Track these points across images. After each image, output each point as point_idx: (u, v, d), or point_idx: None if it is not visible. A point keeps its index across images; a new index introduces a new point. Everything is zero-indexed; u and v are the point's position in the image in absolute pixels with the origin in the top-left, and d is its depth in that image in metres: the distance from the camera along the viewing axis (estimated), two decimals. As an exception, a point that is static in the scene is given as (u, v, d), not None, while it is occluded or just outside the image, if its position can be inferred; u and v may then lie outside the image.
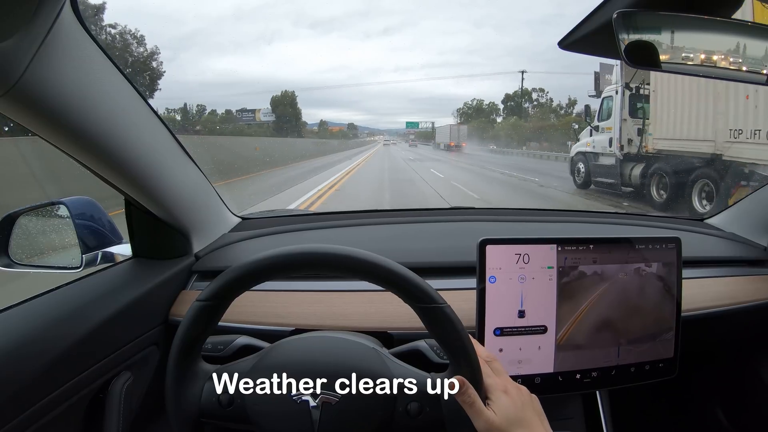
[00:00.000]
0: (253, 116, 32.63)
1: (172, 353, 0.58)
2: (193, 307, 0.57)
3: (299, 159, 17.82)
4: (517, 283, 0.75)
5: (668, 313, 0.81)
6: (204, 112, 29.86)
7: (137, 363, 0.76)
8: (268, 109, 32.51)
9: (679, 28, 0.62)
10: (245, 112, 32.83)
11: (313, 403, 0.56)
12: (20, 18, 0.43)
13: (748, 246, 1.10)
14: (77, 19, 0.53)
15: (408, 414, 0.57)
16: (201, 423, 0.58)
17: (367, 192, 9.76)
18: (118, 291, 0.75)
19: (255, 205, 6.72)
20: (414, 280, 0.56)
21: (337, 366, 0.59)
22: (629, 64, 0.63)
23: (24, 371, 0.57)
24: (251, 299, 0.78)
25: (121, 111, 0.66)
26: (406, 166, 16.83)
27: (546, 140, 25.75)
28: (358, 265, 0.56)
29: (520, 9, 68.55)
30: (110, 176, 0.69)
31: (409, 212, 1.27)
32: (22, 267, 0.79)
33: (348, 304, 0.85)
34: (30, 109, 0.52)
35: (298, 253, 0.57)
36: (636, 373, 0.80)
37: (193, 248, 0.92)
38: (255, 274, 0.57)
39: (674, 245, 0.81)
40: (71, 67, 0.54)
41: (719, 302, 0.92)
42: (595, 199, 8.38)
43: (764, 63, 0.62)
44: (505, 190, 10.30)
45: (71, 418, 0.65)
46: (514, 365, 0.76)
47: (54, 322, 0.64)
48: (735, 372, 1.11)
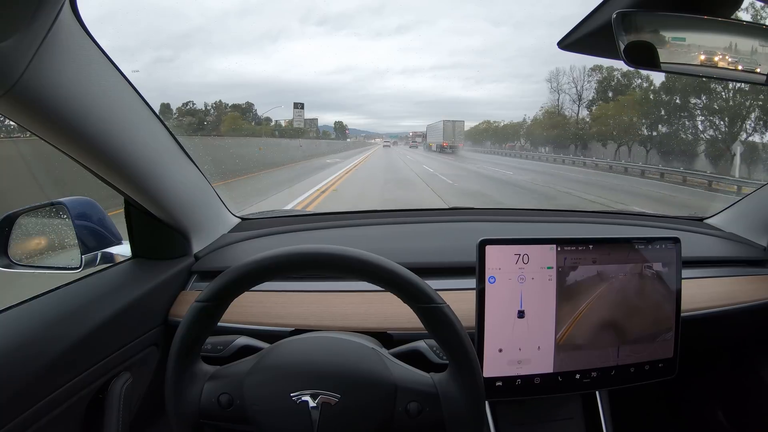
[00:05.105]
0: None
1: (171, 354, 0.58)
2: (192, 307, 0.57)
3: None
4: (516, 283, 0.75)
5: (668, 313, 0.81)
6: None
7: (137, 363, 0.76)
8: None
9: (678, 28, 0.62)
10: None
11: (312, 403, 0.56)
12: (20, 18, 0.43)
13: (748, 246, 1.10)
14: (77, 20, 0.53)
15: (407, 414, 0.57)
16: (201, 423, 0.58)
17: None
18: (118, 291, 0.75)
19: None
20: (413, 281, 0.56)
21: (337, 366, 0.59)
22: (628, 64, 0.63)
23: (24, 372, 0.57)
24: (251, 300, 0.78)
25: (121, 111, 0.66)
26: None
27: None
28: (357, 266, 0.56)
29: (544, 5, 66.85)
30: (110, 177, 0.69)
31: (408, 212, 1.27)
32: (21, 267, 0.79)
33: (347, 305, 0.84)
34: (29, 109, 0.52)
35: (298, 253, 0.57)
36: (636, 374, 0.80)
37: (192, 249, 0.92)
38: (254, 274, 0.57)
39: (674, 245, 0.81)
40: (70, 68, 0.54)
41: (719, 302, 0.92)
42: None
43: (764, 63, 0.62)
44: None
45: (71, 418, 0.65)
46: (513, 365, 0.75)
47: (54, 323, 0.64)
48: (735, 372, 1.11)
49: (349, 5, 75.13)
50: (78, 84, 0.56)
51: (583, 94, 20.45)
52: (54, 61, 0.51)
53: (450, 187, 9.72)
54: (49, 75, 0.51)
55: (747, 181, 8.67)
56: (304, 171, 11.57)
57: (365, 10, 74.26)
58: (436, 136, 25.79)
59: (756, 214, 1.12)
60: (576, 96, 20.71)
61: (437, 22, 72.15)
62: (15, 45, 0.44)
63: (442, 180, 10.77)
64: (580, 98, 20.65)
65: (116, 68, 0.63)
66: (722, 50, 0.62)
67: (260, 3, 64.34)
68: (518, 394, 0.76)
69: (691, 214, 1.32)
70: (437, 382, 0.58)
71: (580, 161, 16.51)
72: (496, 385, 0.75)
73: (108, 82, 0.62)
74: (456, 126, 24.71)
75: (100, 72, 0.60)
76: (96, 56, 0.59)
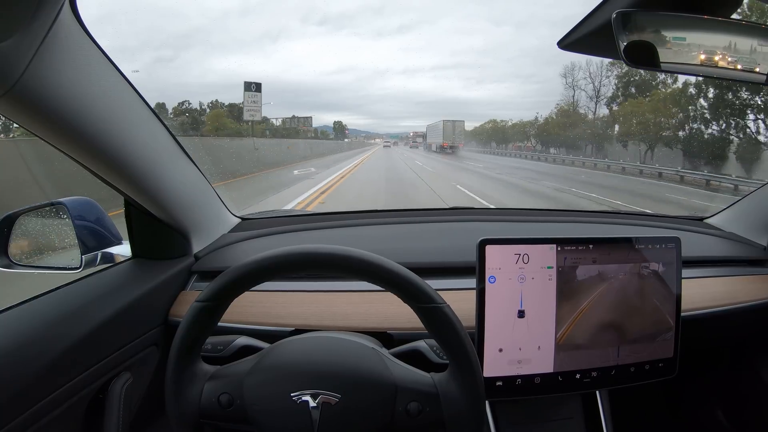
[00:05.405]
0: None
1: (171, 354, 0.58)
2: (192, 307, 0.57)
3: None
4: (516, 283, 0.75)
5: (668, 313, 0.81)
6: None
7: (137, 363, 0.76)
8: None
9: (678, 28, 0.62)
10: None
11: (312, 403, 0.56)
12: (20, 18, 0.43)
13: (748, 246, 1.10)
14: (76, 20, 0.53)
15: (408, 414, 0.57)
16: (201, 423, 0.58)
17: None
18: (118, 291, 0.75)
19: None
20: (413, 280, 0.56)
21: (337, 366, 0.59)
22: (628, 64, 0.63)
23: (24, 372, 0.57)
24: (251, 299, 0.78)
25: (121, 111, 0.66)
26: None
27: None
28: (357, 266, 0.56)
29: (546, 4, 66.24)
30: (109, 177, 0.69)
31: (408, 212, 1.27)
32: (21, 267, 0.79)
33: (348, 305, 0.84)
34: (29, 109, 0.52)
35: (298, 253, 0.57)
36: (636, 373, 0.80)
37: (192, 249, 0.92)
38: (254, 274, 0.57)
39: (674, 245, 0.81)
40: (70, 68, 0.54)
41: (719, 302, 0.92)
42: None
43: (764, 62, 0.62)
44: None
45: (71, 418, 0.65)
46: (514, 365, 0.75)
47: (54, 323, 0.64)
48: (735, 372, 1.11)
49: (350, 5, 74.95)
50: (78, 84, 0.56)
51: (601, 90, 18.79)
52: (54, 61, 0.51)
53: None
54: (49, 75, 0.51)
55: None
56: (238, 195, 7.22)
57: (366, 10, 74.08)
58: (436, 136, 25.29)
59: (756, 214, 1.12)
60: (594, 92, 19.12)
61: (439, 22, 71.96)
62: (15, 45, 0.44)
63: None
64: (597, 95, 19.04)
65: (116, 68, 0.63)
66: (722, 50, 0.62)
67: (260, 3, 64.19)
68: (518, 393, 0.76)
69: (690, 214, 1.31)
70: (437, 382, 0.58)
71: (603, 164, 14.91)
72: (496, 385, 0.75)
73: (108, 82, 0.62)
74: (456, 126, 24.24)
75: (100, 72, 0.60)
76: (96, 56, 0.59)
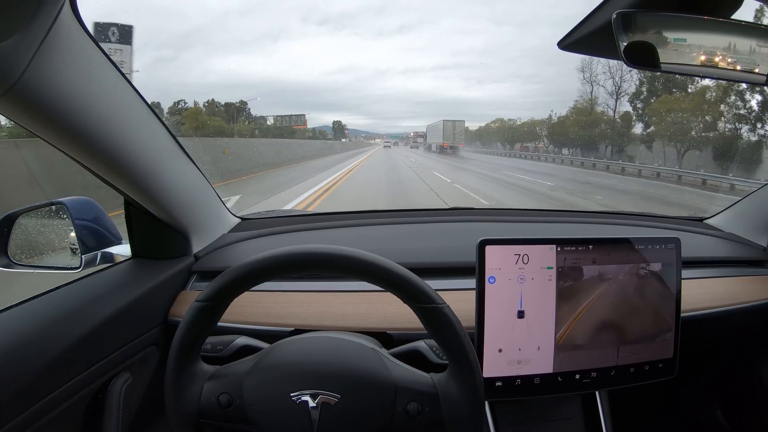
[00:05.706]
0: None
1: (171, 353, 0.58)
2: (192, 307, 0.57)
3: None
4: (516, 283, 0.75)
5: (668, 314, 0.81)
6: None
7: (137, 363, 0.76)
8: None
9: (678, 28, 0.62)
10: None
11: (312, 403, 0.56)
12: (20, 18, 0.43)
13: (748, 246, 1.10)
14: (76, 20, 0.53)
15: (407, 414, 0.57)
16: (200, 423, 0.58)
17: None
18: (118, 291, 0.75)
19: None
20: (413, 281, 0.56)
21: (337, 366, 0.59)
22: (628, 64, 0.63)
23: (24, 371, 0.57)
24: (250, 299, 0.78)
25: (121, 111, 0.66)
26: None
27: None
28: (357, 266, 0.56)
29: (547, 5, 66.23)
30: (110, 176, 0.69)
31: (408, 212, 1.27)
32: (21, 267, 0.79)
33: (347, 305, 0.85)
34: (29, 109, 0.52)
35: (298, 253, 0.57)
36: (635, 374, 0.80)
37: (192, 248, 0.92)
38: (254, 274, 0.57)
39: (674, 245, 0.81)
40: (70, 68, 0.54)
41: (719, 302, 0.92)
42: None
43: (763, 63, 0.62)
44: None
45: (71, 418, 0.65)
46: (513, 365, 0.75)
47: (54, 323, 0.64)
48: (734, 372, 1.11)
49: (351, 5, 74.98)
50: (78, 84, 0.56)
51: (622, 86, 16.88)
52: (54, 60, 0.51)
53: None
54: (49, 75, 0.51)
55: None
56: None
57: (367, 10, 74.12)
58: (436, 136, 24.96)
59: (756, 214, 1.12)
60: (614, 88, 17.28)
61: (440, 22, 71.98)
62: (15, 45, 0.44)
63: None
64: (618, 91, 17.25)
65: (116, 68, 0.63)
66: (722, 50, 0.62)
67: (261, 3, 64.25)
68: (518, 394, 0.76)
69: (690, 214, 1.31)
70: (437, 383, 0.58)
71: (634, 168, 13.15)
72: (496, 386, 0.75)
73: (108, 82, 0.62)
74: (456, 126, 23.92)
75: (100, 72, 0.60)
76: (96, 56, 0.59)
